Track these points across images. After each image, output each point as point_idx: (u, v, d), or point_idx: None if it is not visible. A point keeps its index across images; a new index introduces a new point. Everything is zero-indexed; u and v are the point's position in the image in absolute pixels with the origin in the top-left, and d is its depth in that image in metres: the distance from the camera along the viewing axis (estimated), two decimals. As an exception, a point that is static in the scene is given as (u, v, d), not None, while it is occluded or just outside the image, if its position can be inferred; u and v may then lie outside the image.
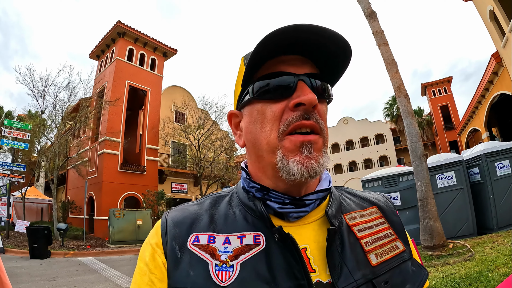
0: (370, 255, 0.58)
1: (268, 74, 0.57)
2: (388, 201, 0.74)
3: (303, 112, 0.55)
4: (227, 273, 0.52)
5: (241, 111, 0.65)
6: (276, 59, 0.57)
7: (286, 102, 0.56)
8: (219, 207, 0.64)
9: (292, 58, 0.58)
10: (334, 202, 0.64)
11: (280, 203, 0.59)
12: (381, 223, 0.66)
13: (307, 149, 0.54)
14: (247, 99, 0.60)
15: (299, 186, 0.59)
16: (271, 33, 0.51)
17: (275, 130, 0.56)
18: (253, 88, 0.58)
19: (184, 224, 0.60)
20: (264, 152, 0.58)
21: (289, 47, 0.56)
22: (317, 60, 0.60)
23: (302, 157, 0.54)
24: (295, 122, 0.54)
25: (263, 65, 0.58)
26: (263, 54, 0.55)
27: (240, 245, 0.55)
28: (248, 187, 0.63)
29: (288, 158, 0.54)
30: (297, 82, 0.56)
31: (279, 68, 0.57)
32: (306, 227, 0.59)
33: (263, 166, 0.60)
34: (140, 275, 0.57)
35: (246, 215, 0.60)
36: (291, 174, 0.54)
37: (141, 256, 0.60)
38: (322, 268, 0.54)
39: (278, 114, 0.56)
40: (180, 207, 0.66)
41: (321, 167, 0.55)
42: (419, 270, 0.62)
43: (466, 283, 4.04)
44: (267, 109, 0.57)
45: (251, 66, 0.57)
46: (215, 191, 0.74)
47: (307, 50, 0.57)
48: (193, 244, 0.56)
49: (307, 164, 0.54)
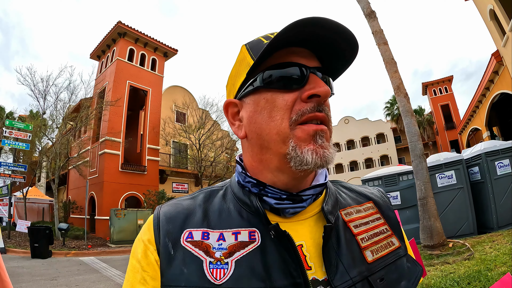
0: (366, 251, 0.58)
1: (281, 63, 0.56)
2: (384, 196, 0.74)
3: (317, 104, 0.55)
4: (222, 271, 0.51)
5: (241, 100, 0.62)
6: (286, 50, 0.56)
7: (298, 93, 0.55)
8: (213, 201, 0.62)
9: (301, 51, 0.58)
10: (330, 197, 0.63)
11: (277, 199, 0.58)
12: (377, 218, 0.65)
13: (321, 138, 0.54)
14: (254, 88, 0.58)
15: (302, 179, 0.59)
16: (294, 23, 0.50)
17: (286, 119, 0.54)
18: (263, 76, 0.57)
19: (177, 220, 0.58)
20: (272, 142, 0.56)
21: (301, 39, 0.55)
22: (321, 55, 0.60)
23: (316, 146, 0.54)
24: (309, 113, 0.54)
25: (272, 54, 0.57)
26: (280, 44, 0.54)
27: (235, 241, 0.54)
28: (243, 181, 0.61)
29: (301, 148, 0.53)
30: (309, 75, 0.56)
31: (291, 59, 0.56)
32: (302, 223, 0.59)
33: (267, 158, 0.58)
34: (133, 273, 0.56)
35: (241, 211, 0.59)
36: (304, 164, 0.53)
37: (133, 253, 0.59)
38: (318, 266, 0.54)
39: (291, 103, 0.55)
40: (173, 201, 0.64)
41: (332, 156, 0.55)
42: (414, 267, 0.63)
43: (465, 282, 4.04)
44: (278, 97, 0.55)
45: (265, 55, 0.55)
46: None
47: (316, 45, 0.57)
48: (187, 240, 0.55)
49: (321, 153, 0.53)
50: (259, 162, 0.60)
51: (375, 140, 39.80)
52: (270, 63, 0.56)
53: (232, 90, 0.65)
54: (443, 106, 36.44)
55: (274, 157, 0.57)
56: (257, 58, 0.55)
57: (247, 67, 0.58)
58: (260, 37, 0.61)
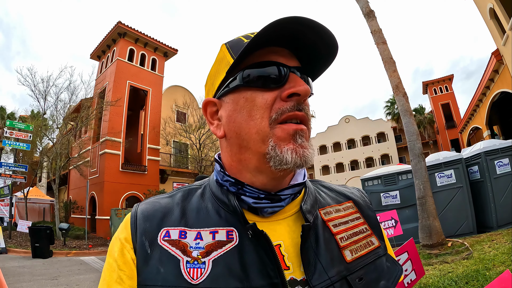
0: (345, 251, 0.58)
1: (261, 62, 0.56)
2: (363, 196, 0.74)
3: (296, 103, 0.55)
4: (199, 270, 0.50)
5: (220, 99, 0.62)
6: (266, 49, 0.56)
7: (277, 92, 0.55)
8: (191, 200, 0.61)
9: (281, 50, 0.57)
10: (309, 196, 0.63)
11: (255, 198, 0.57)
12: (356, 218, 0.65)
13: (300, 137, 0.54)
14: (233, 86, 0.58)
15: (281, 178, 0.58)
16: (274, 23, 0.50)
17: (266, 118, 0.54)
18: (243, 75, 0.56)
19: (155, 218, 0.57)
20: (252, 141, 0.55)
21: (282, 38, 0.55)
22: (301, 55, 0.60)
23: (296, 145, 0.54)
24: (289, 112, 0.54)
25: (253, 53, 0.56)
26: (259, 43, 0.54)
27: (212, 241, 0.54)
28: (222, 180, 0.61)
29: (281, 147, 0.53)
30: (289, 74, 0.56)
31: (271, 58, 0.56)
32: (280, 222, 0.59)
33: (246, 157, 0.58)
34: (109, 272, 0.55)
35: (219, 210, 0.58)
36: (284, 163, 0.53)
37: (110, 251, 0.58)
38: (296, 265, 0.54)
39: (270, 102, 0.55)
40: (151, 199, 0.63)
41: (311, 156, 0.55)
42: (393, 266, 0.63)
43: (463, 281, 4.04)
44: (258, 96, 0.55)
45: (245, 54, 0.55)
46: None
47: (295, 44, 0.57)
48: (164, 239, 0.54)
49: (301, 153, 0.53)
50: (237, 161, 0.59)
51: (375, 139, 39.73)
52: (250, 62, 0.56)
53: (211, 89, 0.64)
54: (444, 105, 36.36)
55: (253, 156, 0.56)
56: (237, 56, 0.54)
57: (227, 66, 0.58)
58: (241, 36, 0.61)
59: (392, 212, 5.54)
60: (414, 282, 3.73)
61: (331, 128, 42.24)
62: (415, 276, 3.73)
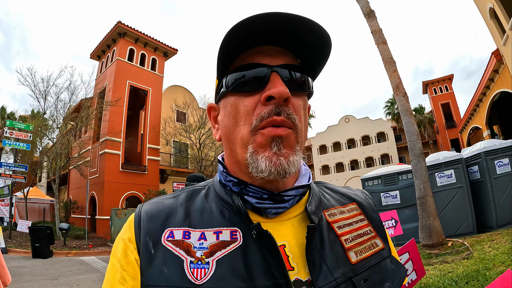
0: (350, 252, 0.57)
1: (242, 66, 0.54)
2: (367, 198, 0.73)
3: (275, 106, 0.52)
4: (203, 271, 0.50)
5: (218, 104, 0.62)
6: (251, 50, 0.55)
7: (259, 95, 0.53)
8: (195, 201, 0.61)
9: (268, 49, 0.55)
10: (314, 198, 0.62)
11: (258, 198, 0.57)
12: (361, 220, 0.65)
13: (277, 144, 0.52)
14: (221, 92, 0.58)
15: (273, 183, 0.57)
16: (241, 22, 0.48)
17: (247, 124, 0.53)
18: (227, 81, 0.56)
19: (159, 219, 0.57)
20: (238, 146, 0.55)
21: (263, 37, 0.53)
22: (296, 50, 0.57)
23: (271, 153, 0.52)
24: (267, 117, 0.52)
25: (237, 56, 0.55)
26: (235, 45, 0.52)
27: (216, 241, 0.53)
28: (225, 181, 0.61)
29: (257, 154, 0.52)
30: (270, 74, 0.53)
31: (253, 60, 0.54)
32: (285, 223, 0.58)
33: (237, 161, 0.58)
34: (113, 272, 0.54)
35: (222, 210, 0.58)
36: (259, 171, 0.52)
37: (113, 252, 0.57)
38: (301, 266, 0.53)
39: (251, 108, 0.53)
40: (155, 200, 0.63)
41: (291, 165, 0.53)
42: (398, 268, 0.62)
43: (463, 281, 4.05)
44: (239, 103, 0.54)
45: (222, 57, 0.53)
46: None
47: (284, 40, 0.55)
48: (168, 240, 0.54)
49: (275, 161, 0.51)
50: (234, 164, 0.60)
51: (375, 139, 39.73)
52: (235, 65, 0.55)
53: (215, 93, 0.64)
54: (444, 105, 36.36)
55: (241, 161, 0.56)
56: (217, 61, 0.54)
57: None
58: None
59: (392, 212, 5.54)
60: (415, 282, 3.74)
61: (331, 128, 42.23)
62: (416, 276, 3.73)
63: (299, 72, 0.57)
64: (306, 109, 0.60)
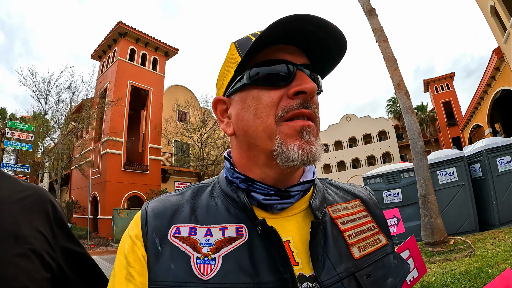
0: (353, 248, 0.58)
1: (267, 60, 0.56)
2: (371, 194, 0.75)
3: (303, 100, 0.55)
4: (209, 266, 0.51)
5: (230, 97, 0.63)
6: (274, 47, 0.57)
7: (284, 89, 0.55)
8: (200, 197, 0.62)
9: (290, 48, 0.58)
10: (318, 194, 0.64)
11: (265, 195, 0.58)
12: (364, 216, 0.66)
13: (307, 133, 0.54)
14: (241, 85, 0.58)
15: (290, 174, 0.59)
16: (279, 20, 0.50)
17: (272, 115, 0.55)
18: (250, 74, 0.57)
19: (165, 215, 0.58)
20: (259, 139, 0.56)
21: (288, 36, 0.55)
22: (310, 52, 0.60)
23: (303, 141, 0.54)
24: (295, 109, 0.54)
25: (260, 51, 0.57)
26: (265, 41, 0.54)
27: (222, 237, 0.54)
28: (231, 177, 0.62)
29: (287, 144, 0.53)
30: (296, 71, 0.56)
31: (278, 56, 0.56)
32: (289, 219, 0.59)
33: (255, 154, 0.58)
34: (120, 268, 0.55)
35: (228, 206, 0.59)
36: (291, 160, 0.53)
37: (120, 249, 0.58)
38: (305, 261, 0.54)
39: (276, 100, 0.55)
40: (161, 197, 0.64)
41: (319, 153, 0.55)
42: (401, 264, 0.63)
43: (466, 279, 4.05)
44: (264, 95, 0.56)
45: (252, 52, 0.55)
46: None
47: (304, 42, 0.57)
48: (174, 236, 0.55)
49: (308, 149, 0.53)
50: (247, 158, 0.61)
51: (377, 137, 39.69)
52: (258, 60, 0.57)
53: (221, 87, 0.65)
54: (445, 103, 36.31)
55: (261, 154, 0.57)
56: (244, 55, 0.55)
57: (235, 64, 0.58)
58: (249, 34, 0.61)
59: (394, 210, 5.54)
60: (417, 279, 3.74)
61: (333, 127, 42.20)
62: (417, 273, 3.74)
63: (315, 72, 0.61)
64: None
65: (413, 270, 3.71)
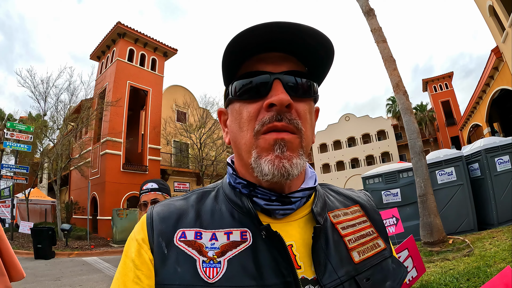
0: (353, 252, 0.60)
1: (246, 73, 0.56)
2: (370, 200, 0.76)
3: (276, 113, 0.54)
4: (215, 270, 0.52)
5: (227, 109, 0.65)
6: (255, 58, 0.56)
7: (261, 102, 0.55)
8: (205, 202, 0.63)
9: (272, 56, 0.57)
10: (319, 200, 0.65)
11: (267, 200, 0.59)
12: (363, 221, 0.67)
13: (280, 147, 0.53)
14: (228, 99, 0.61)
15: (278, 185, 0.58)
16: (242, 32, 0.50)
17: (251, 130, 0.55)
18: (232, 88, 0.58)
19: (171, 220, 0.59)
20: (243, 151, 0.58)
21: (266, 45, 0.54)
22: (300, 56, 0.58)
23: (273, 156, 0.53)
24: (268, 123, 0.54)
25: (242, 64, 0.57)
26: (237, 54, 0.54)
27: (227, 241, 0.55)
28: (234, 183, 0.63)
29: (261, 158, 0.54)
30: (273, 81, 0.55)
31: (257, 67, 0.56)
32: (292, 224, 0.60)
33: (244, 164, 0.60)
34: (125, 271, 0.56)
35: (232, 211, 0.60)
36: (264, 174, 0.54)
37: (126, 252, 0.59)
38: (307, 265, 0.55)
39: (253, 114, 0.55)
40: (166, 201, 0.65)
41: (294, 168, 0.54)
42: (398, 267, 0.65)
43: (464, 278, 4.07)
44: (243, 109, 0.57)
45: (227, 66, 0.57)
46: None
47: (286, 47, 0.56)
48: (180, 240, 0.56)
49: (278, 164, 0.53)
50: (241, 166, 0.63)
51: (376, 137, 39.70)
52: (240, 73, 0.58)
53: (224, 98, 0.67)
54: (444, 103, 36.36)
55: (247, 165, 0.58)
56: (222, 69, 0.58)
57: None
58: None
59: (393, 210, 5.56)
60: (416, 279, 3.75)
61: (331, 127, 42.20)
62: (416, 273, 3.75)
63: (303, 77, 0.58)
64: (312, 113, 0.61)
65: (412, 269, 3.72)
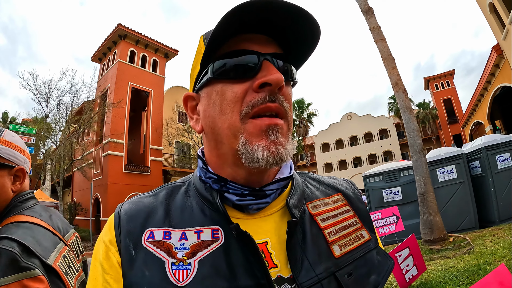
0: (334, 246, 0.56)
1: (231, 52, 0.52)
2: (353, 188, 0.71)
3: (269, 93, 0.51)
4: (184, 272, 0.49)
5: (198, 93, 0.59)
6: (239, 37, 0.53)
7: (249, 82, 0.52)
8: (175, 198, 0.59)
9: (257, 37, 0.54)
10: (296, 190, 0.60)
11: (239, 195, 0.55)
12: (346, 211, 0.63)
13: (274, 133, 0.51)
14: (206, 79, 0.55)
15: (261, 174, 0.55)
16: (236, 7, 0.46)
17: (236, 112, 0.51)
18: (213, 67, 0.53)
19: (138, 219, 0.55)
20: (225, 137, 0.53)
21: (253, 25, 0.51)
22: (281, 40, 0.56)
23: (268, 142, 0.50)
24: (260, 104, 0.50)
25: (225, 42, 0.53)
26: (226, 31, 0.50)
27: (198, 240, 0.52)
28: (205, 177, 0.58)
29: (252, 144, 0.50)
30: (262, 62, 0.52)
31: (243, 46, 0.52)
32: (267, 219, 0.56)
33: (223, 153, 0.55)
34: (95, 275, 0.52)
35: (203, 208, 0.56)
36: (255, 161, 0.50)
37: (95, 255, 0.55)
38: (283, 263, 0.52)
39: (240, 95, 0.51)
40: (134, 199, 0.60)
41: (287, 154, 0.51)
42: (384, 260, 0.61)
43: (464, 276, 4.07)
44: (227, 89, 0.52)
45: (212, 43, 0.51)
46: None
47: (273, 29, 0.53)
48: (148, 241, 0.52)
49: (274, 150, 0.50)
50: (217, 157, 0.57)
51: (378, 136, 39.62)
52: (222, 52, 0.53)
53: (191, 82, 0.62)
54: (446, 101, 36.24)
55: (228, 152, 0.54)
56: (206, 47, 0.52)
57: (201, 57, 0.55)
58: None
59: (394, 208, 5.58)
60: (416, 277, 3.78)
61: (334, 126, 42.15)
62: (417, 271, 3.77)
63: (286, 61, 0.56)
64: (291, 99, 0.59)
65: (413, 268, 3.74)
